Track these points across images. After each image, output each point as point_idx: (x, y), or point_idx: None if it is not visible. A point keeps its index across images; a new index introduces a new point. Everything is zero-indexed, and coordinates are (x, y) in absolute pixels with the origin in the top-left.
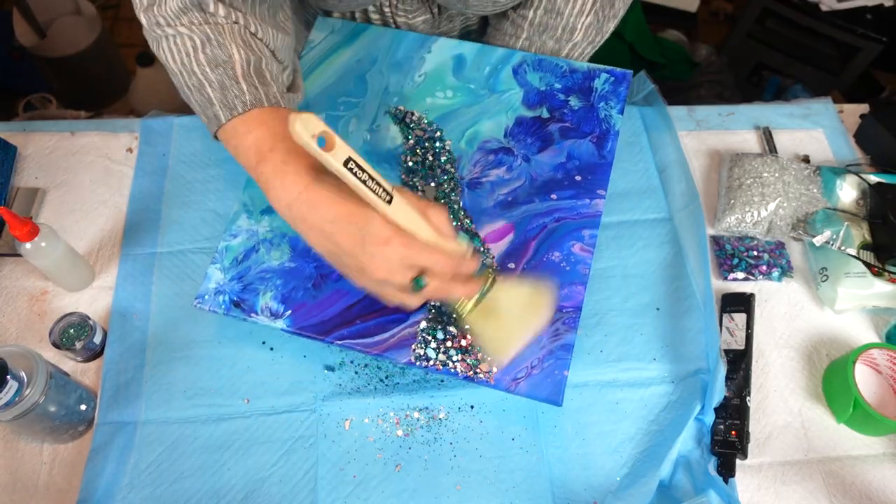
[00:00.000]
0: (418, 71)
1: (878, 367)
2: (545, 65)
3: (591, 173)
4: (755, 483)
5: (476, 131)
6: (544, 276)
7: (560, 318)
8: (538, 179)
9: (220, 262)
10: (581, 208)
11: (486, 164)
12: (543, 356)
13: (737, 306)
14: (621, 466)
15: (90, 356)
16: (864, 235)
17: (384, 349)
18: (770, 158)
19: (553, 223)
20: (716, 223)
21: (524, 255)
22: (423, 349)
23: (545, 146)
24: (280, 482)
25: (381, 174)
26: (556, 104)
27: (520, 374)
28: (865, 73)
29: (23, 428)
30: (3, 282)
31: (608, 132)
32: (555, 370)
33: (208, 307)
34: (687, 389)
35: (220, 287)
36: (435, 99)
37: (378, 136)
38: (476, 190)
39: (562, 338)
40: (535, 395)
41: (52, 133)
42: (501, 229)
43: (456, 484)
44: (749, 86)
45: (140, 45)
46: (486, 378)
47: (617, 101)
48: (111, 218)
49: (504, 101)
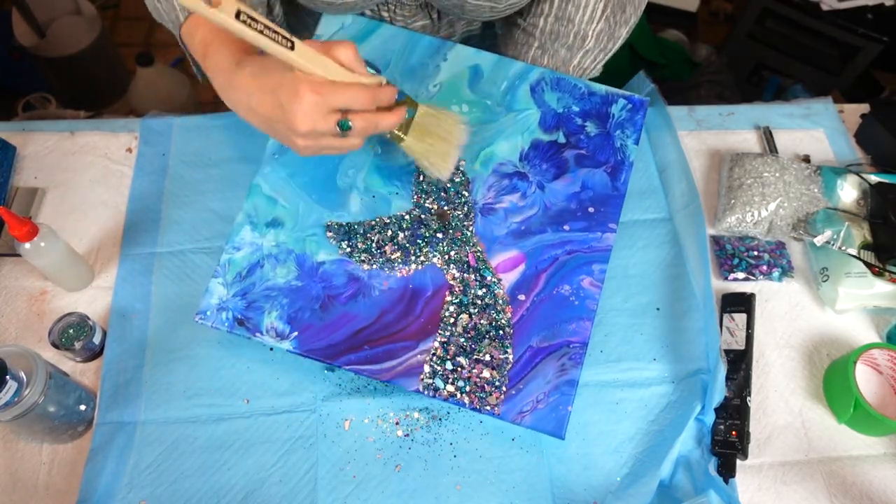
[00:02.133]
0: (433, 80)
1: (878, 367)
2: (563, 85)
3: (603, 205)
4: (755, 483)
5: (491, 153)
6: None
7: (567, 353)
8: (552, 209)
9: (222, 276)
10: (592, 241)
11: (500, 189)
12: (549, 391)
13: (737, 306)
14: (621, 466)
15: (89, 356)
16: (865, 235)
17: (393, 376)
18: (770, 158)
19: (565, 256)
20: (716, 223)
21: (535, 288)
22: (432, 379)
23: (560, 173)
24: (280, 482)
25: (394, 194)
26: (572, 129)
27: (525, 408)
28: (866, 72)
29: (22, 428)
30: (3, 282)
31: (622, 163)
32: (559, 405)
33: (210, 323)
34: (687, 389)
35: (223, 303)
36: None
37: (391, 148)
38: (489, 216)
39: (567, 373)
40: (539, 427)
41: (51, 133)
42: (513, 259)
43: (456, 484)
44: (749, 86)
45: (140, 45)
46: (494, 410)
47: (633, 130)
48: (111, 218)
49: (521, 122)
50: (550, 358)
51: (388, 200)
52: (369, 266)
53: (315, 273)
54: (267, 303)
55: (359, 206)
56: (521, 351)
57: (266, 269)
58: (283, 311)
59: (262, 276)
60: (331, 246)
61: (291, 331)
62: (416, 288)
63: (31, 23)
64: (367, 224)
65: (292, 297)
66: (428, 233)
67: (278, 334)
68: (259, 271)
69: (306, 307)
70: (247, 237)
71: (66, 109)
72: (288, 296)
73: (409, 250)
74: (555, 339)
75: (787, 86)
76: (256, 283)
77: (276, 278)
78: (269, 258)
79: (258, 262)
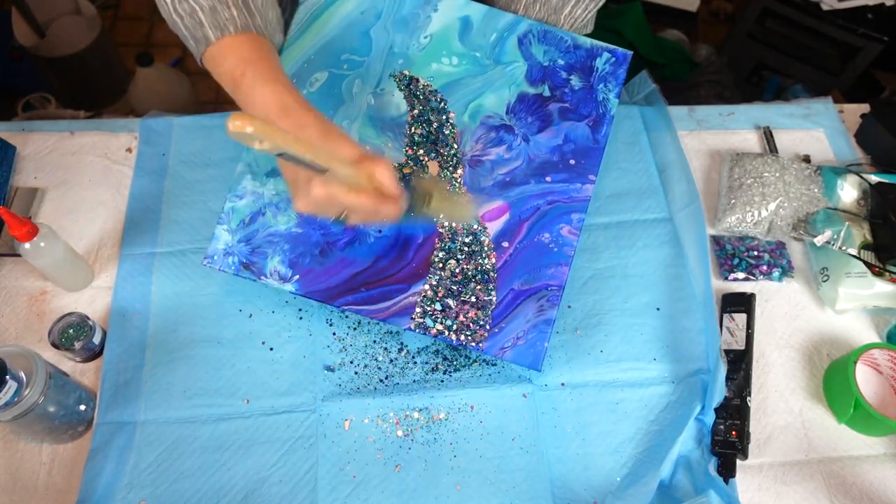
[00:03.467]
0: (424, 31)
1: (878, 367)
2: (550, 37)
3: (584, 157)
4: (756, 483)
5: (479, 105)
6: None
7: (545, 295)
8: (535, 161)
9: (226, 223)
10: (573, 192)
11: (488, 141)
12: (528, 329)
13: (737, 306)
14: (621, 466)
15: (89, 356)
16: (865, 235)
17: (387, 315)
18: (770, 158)
19: (546, 205)
20: (716, 223)
21: (517, 235)
22: (423, 318)
23: (544, 126)
24: (280, 482)
25: (386, 144)
26: (557, 82)
27: (507, 344)
28: (866, 72)
29: (22, 428)
30: (3, 282)
31: (604, 116)
32: (537, 342)
33: (218, 267)
34: (687, 389)
35: (229, 248)
36: (440, 65)
37: (382, 100)
38: (476, 168)
39: (545, 313)
40: (518, 361)
41: (51, 133)
42: (498, 209)
43: (456, 484)
44: (749, 86)
45: (140, 45)
46: (478, 346)
47: (615, 84)
48: (110, 218)
49: (508, 75)
50: (530, 300)
51: (380, 151)
52: None
53: (314, 220)
54: (269, 248)
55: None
56: (503, 293)
57: (268, 217)
58: (285, 256)
59: (265, 224)
60: None
61: (293, 274)
62: (408, 235)
63: (31, 23)
64: None
65: (293, 242)
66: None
67: (281, 277)
68: (261, 218)
69: (307, 252)
70: (248, 186)
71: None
72: (289, 242)
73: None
74: (534, 283)
75: (787, 86)
76: (259, 230)
77: (278, 225)
78: (271, 206)
79: (260, 210)
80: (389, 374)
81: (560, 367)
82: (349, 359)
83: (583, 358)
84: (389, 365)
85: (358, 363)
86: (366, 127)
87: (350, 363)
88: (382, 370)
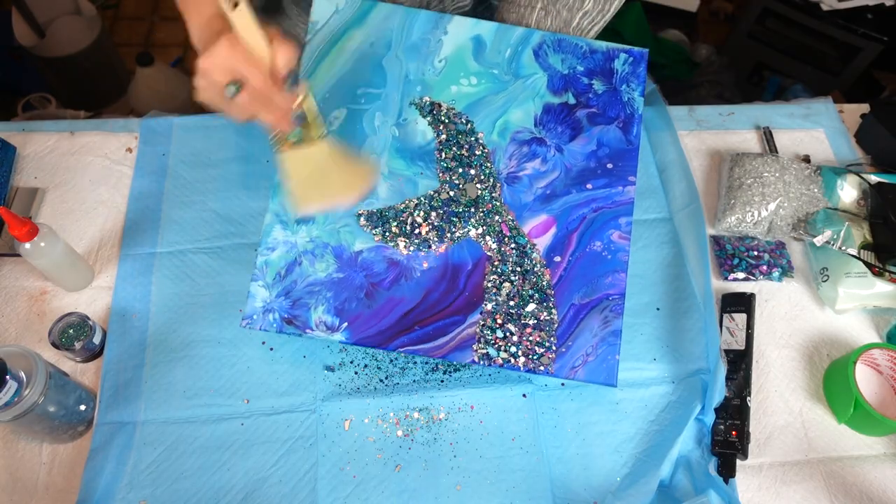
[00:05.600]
0: (437, 56)
1: (878, 367)
2: (565, 45)
3: (620, 160)
4: (756, 483)
5: (506, 121)
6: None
7: (607, 305)
8: (573, 170)
9: (261, 278)
10: (615, 196)
11: (521, 156)
12: (596, 343)
13: (737, 306)
14: (621, 466)
15: (89, 356)
16: (865, 235)
17: (446, 352)
18: (770, 158)
19: (591, 213)
20: (716, 223)
21: (568, 248)
22: (486, 348)
23: (575, 134)
24: (280, 482)
25: (419, 174)
26: (580, 88)
27: (577, 363)
28: (866, 72)
29: (22, 428)
30: (3, 282)
31: (632, 116)
32: (608, 356)
33: (259, 326)
34: (687, 389)
35: (268, 305)
36: (460, 87)
37: (407, 130)
38: (515, 185)
39: (611, 325)
40: (592, 379)
41: (51, 133)
42: (544, 223)
43: (456, 484)
44: (749, 86)
45: (140, 45)
46: (547, 369)
47: (637, 82)
48: (110, 218)
49: (530, 88)
50: (593, 312)
51: (414, 182)
52: (407, 249)
53: (355, 263)
54: (311, 298)
55: (386, 190)
56: (564, 310)
57: (305, 266)
58: (330, 304)
59: (302, 273)
60: (365, 234)
61: (341, 322)
62: (456, 263)
63: (31, 23)
64: (397, 207)
65: (336, 289)
66: (459, 209)
67: (328, 327)
68: (298, 269)
69: (352, 297)
70: (279, 236)
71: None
72: (331, 289)
73: (443, 228)
74: (594, 295)
75: (787, 86)
76: (298, 281)
77: (317, 273)
78: (306, 254)
79: (295, 260)
80: (389, 374)
81: None
82: (349, 359)
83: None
84: (389, 365)
85: (358, 363)
86: (395, 159)
87: (350, 363)
88: (382, 370)
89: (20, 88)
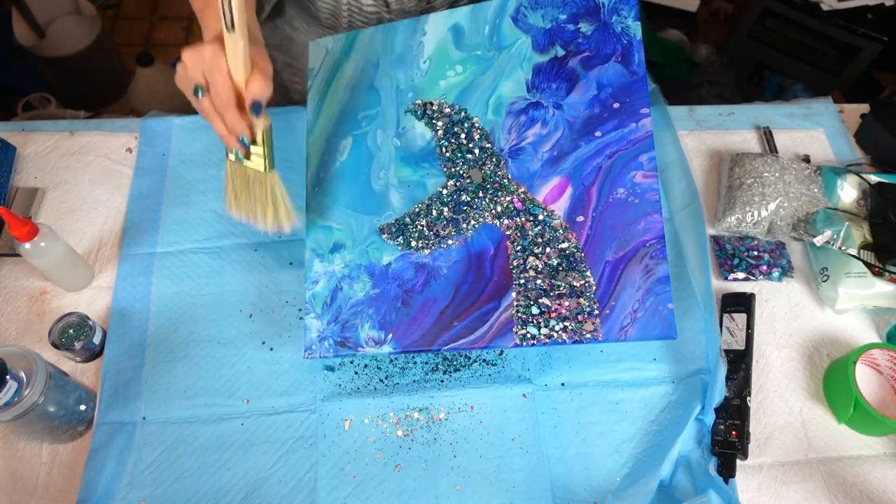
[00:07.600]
0: (421, 58)
1: (878, 367)
2: (542, 0)
3: (627, 95)
4: (756, 483)
5: (499, 97)
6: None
7: (646, 252)
8: (576, 122)
9: (312, 311)
10: (629, 135)
11: (520, 126)
12: (643, 297)
13: (737, 306)
14: (621, 466)
15: (89, 356)
16: (865, 235)
17: (489, 341)
18: (770, 158)
19: (607, 161)
20: (716, 223)
21: (589, 204)
22: (525, 329)
23: (572, 85)
24: (280, 482)
25: (425, 174)
26: (567, 37)
27: (625, 322)
28: (866, 72)
29: (22, 428)
30: (3, 282)
31: (630, 45)
32: (658, 306)
33: (319, 355)
34: (687, 389)
35: (322, 333)
36: (447, 80)
37: (407, 138)
38: (519, 157)
39: (654, 272)
40: (647, 335)
41: (51, 133)
42: (558, 186)
43: (456, 484)
44: (749, 86)
45: (140, 45)
46: (594, 336)
47: (629, 8)
48: (110, 218)
49: (515, 55)
50: (631, 264)
51: (422, 184)
52: (429, 250)
53: (386, 275)
54: (357, 318)
55: (399, 200)
56: (599, 270)
57: (345, 290)
58: (373, 320)
59: (345, 297)
60: (389, 246)
61: (386, 335)
62: (479, 251)
63: (31, 23)
64: (411, 213)
65: (376, 304)
66: (468, 197)
67: (376, 342)
68: (340, 294)
69: (390, 308)
70: (319, 269)
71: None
72: (371, 305)
73: (457, 220)
74: (629, 245)
75: (787, 86)
76: (342, 306)
77: (356, 294)
78: (345, 279)
79: (337, 287)
80: (389, 374)
81: (560, 367)
82: (349, 358)
83: (583, 358)
84: (389, 365)
85: (358, 363)
86: (401, 168)
87: (350, 363)
88: (382, 370)
89: (20, 88)
